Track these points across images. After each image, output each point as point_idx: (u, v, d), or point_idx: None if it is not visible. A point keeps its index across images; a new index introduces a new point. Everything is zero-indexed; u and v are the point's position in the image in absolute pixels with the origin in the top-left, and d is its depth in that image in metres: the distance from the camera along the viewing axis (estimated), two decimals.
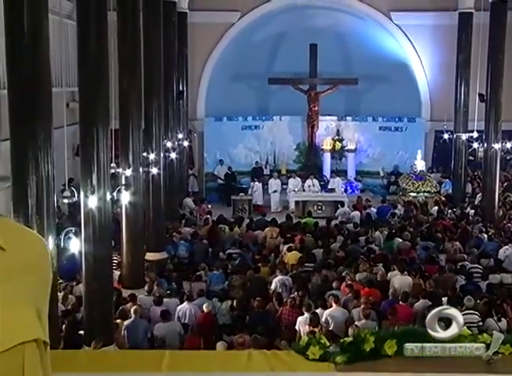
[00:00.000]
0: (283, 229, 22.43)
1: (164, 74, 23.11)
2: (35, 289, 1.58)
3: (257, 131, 32.44)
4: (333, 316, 14.15)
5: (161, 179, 22.35)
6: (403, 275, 16.69)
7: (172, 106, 26.00)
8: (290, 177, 29.70)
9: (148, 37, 20.56)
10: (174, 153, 25.55)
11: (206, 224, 23.74)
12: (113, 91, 17.46)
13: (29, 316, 1.53)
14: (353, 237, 21.38)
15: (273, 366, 2.53)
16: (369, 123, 32.37)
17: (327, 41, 30.53)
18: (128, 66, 18.62)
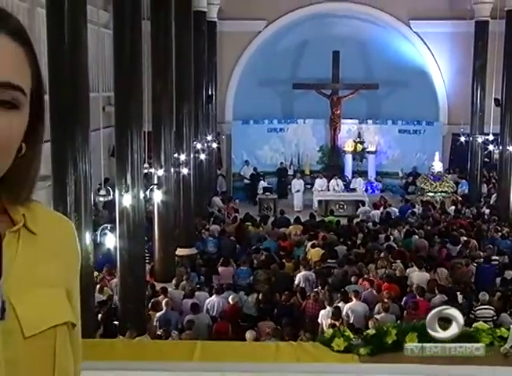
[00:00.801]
0: (306, 227, 22.42)
1: (195, 79, 23.18)
2: (65, 271, 1.58)
3: (282, 133, 32.44)
4: (353, 309, 14.13)
5: (191, 179, 22.41)
6: (421, 271, 16.63)
7: (202, 110, 26.06)
8: (317, 177, 29.66)
9: (179, 45, 20.63)
10: (203, 154, 25.60)
11: (233, 222, 23.76)
12: (146, 95, 17.53)
13: (60, 298, 1.53)
14: (373, 235, 21.35)
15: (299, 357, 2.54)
16: (389, 126, 32.26)
17: (349, 48, 30.46)
18: (161, 72, 18.70)
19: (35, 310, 1.43)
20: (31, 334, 1.40)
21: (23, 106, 1.38)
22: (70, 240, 1.66)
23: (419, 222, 23.71)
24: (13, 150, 1.41)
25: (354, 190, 28.87)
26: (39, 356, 1.42)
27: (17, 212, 1.50)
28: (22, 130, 1.41)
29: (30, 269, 1.47)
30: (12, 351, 1.37)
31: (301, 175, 30.11)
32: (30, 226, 1.51)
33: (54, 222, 1.63)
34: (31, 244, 1.50)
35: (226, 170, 31.73)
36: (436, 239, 20.73)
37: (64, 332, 1.49)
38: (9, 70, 1.34)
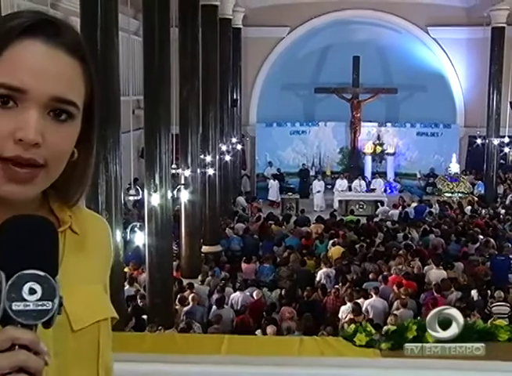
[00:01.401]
0: (327, 226, 22.41)
1: (220, 83, 23.21)
2: (102, 268, 1.63)
3: (304, 135, 32.41)
4: (373, 305, 14.11)
5: (216, 179, 22.45)
6: (438, 269, 16.57)
7: (227, 113, 26.09)
8: (337, 178, 29.64)
9: (206, 51, 20.69)
10: (228, 155, 25.63)
11: (257, 220, 23.78)
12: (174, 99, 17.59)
13: (101, 294, 1.57)
14: (391, 234, 21.30)
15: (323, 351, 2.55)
16: (408, 129, 32.13)
17: (369, 53, 30.42)
18: (188, 77, 18.76)
19: (81, 306, 1.46)
20: (79, 328, 1.44)
21: (75, 119, 1.40)
22: (105, 238, 1.69)
23: (436, 221, 23.63)
24: (65, 158, 1.43)
25: (373, 191, 28.79)
26: (85, 349, 1.46)
27: (64, 214, 1.53)
28: (74, 140, 1.43)
29: (75, 268, 1.50)
30: (61, 344, 1.40)
31: (322, 176, 30.12)
32: (75, 227, 1.54)
33: (91, 221, 1.66)
34: (75, 244, 1.53)
35: (250, 171, 31.74)
36: (453, 238, 20.62)
37: (106, 326, 1.52)
38: (64, 86, 1.36)
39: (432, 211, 25.37)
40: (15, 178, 1.34)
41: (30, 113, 1.32)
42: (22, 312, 1.16)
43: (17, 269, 1.18)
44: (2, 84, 1.32)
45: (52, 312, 1.19)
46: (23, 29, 1.35)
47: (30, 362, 1.14)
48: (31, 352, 1.15)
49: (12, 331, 1.15)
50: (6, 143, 1.32)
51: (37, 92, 1.32)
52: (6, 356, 1.13)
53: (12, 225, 1.24)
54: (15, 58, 1.33)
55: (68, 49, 1.38)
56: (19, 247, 1.21)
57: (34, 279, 1.18)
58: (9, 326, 1.16)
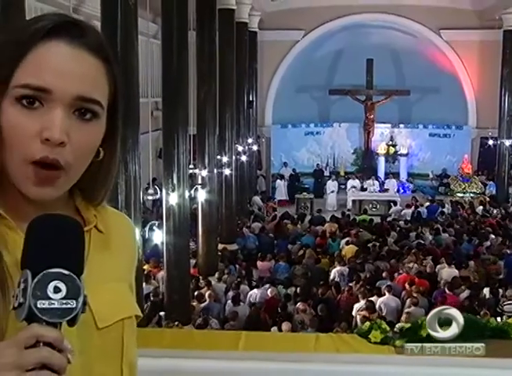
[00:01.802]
0: (341, 225, 22.39)
1: (236, 86, 23.23)
2: (127, 266, 1.63)
3: (318, 136, 32.38)
4: (386, 303, 14.08)
5: (233, 179, 22.49)
6: (450, 267, 16.51)
7: (243, 115, 26.09)
8: (349, 178, 29.61)
9: (223, 54, 20.70)
10: (244, 156, 25.63)
11: (272, 219, 23.78)
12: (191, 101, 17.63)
13: (126, 292, 1.57)
14: (404, 233, 21.25)
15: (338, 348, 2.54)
16: (420, 130, 32.03)
17: (382, 56, 30.35)
18: (205, 79, 18.79)
19: (106, 304, 1.46)
20: (103, 326, 1.44)
21: (100, 118, 1.40)
22: (130, 236, 1.69)
23: (448, 221, 23.55)
24: (89, 157, 1.43)
25: (386, 191, 28.73)
26: (109, 346, 1.45)
27: (90, 213, 1.53)
28: (99, 139, 1.43)
29: (100, 267, 1.49)
30: (86, 341, 1.40)
31: (336, 177, 30.09)
32: (100, 226, 1.54)
33: (117, 220, 1.66)
34: (100, 243, 1.53)
35: (266, 171, 31.73)
36: (465, 237, 20.55)
37: (131, 324, 1.52)
38: (88, 85, 1.36)
39: (444, 211, 25.29)
40: (43, 179, 1.34)
41: (56, 113, 1.32)
42: (47, 310, 1.16)
43: (43, 268, 1.18)
44: (27, 85, 1.32)
45: (76, 311, 1.19)
46: (47, 31, 1.35)
47: (54, 359, 1.14)
48: (55, 350, 1.15)
49: (36, 329, 1.15)
50: (33, 143, 1.32)
51: (62, 92, 1.33)
52: (30, 353, 1.13)
53: (38, 225, 1.24)
54: (39, 59, 1.34)
55: (91, 50, 1.38)
56: (45, 246, 1.21)
57: (59, 277, 1.18)
58: (34, 323, 1.16)
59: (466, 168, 29.63)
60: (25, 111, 1.33)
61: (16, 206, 1.42)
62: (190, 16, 17.08)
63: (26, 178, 1.35)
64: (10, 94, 1.33)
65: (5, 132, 1.34)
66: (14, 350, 1.14)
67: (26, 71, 1.33)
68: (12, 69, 1.34)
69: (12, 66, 1.34)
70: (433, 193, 29.46)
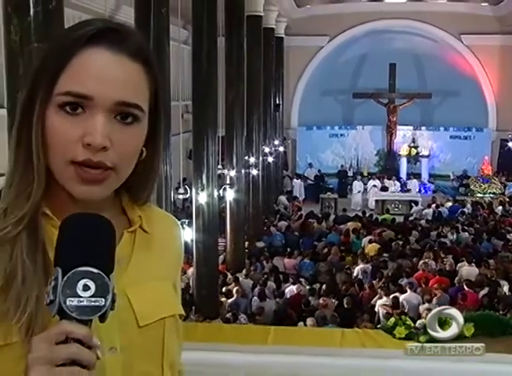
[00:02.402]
0: (364, 224, 22.30)
1: (264, 89, 23.24)
2: (171, 265, 1.61)
3: (342, 138, 32.33)
4: (408, 300, 13.97)
5: (260, 179, 22.50)
6: (470, 265, 16.38)
7: (270, 117, 26.10)
8: (370, 178, 29.52)
9: (250, 59, 20.72)
10: (271, 157, 25.63)
11: (298, 218, 23.74)
12: (220, 104, 17.67)
13: (169, 292, 1.55)
14: (426, 232, 21.12)
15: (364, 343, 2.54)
16: (441, 132, 31.83)
17: (405, 60, 30.22)
18: (234, 83, 18.81)
19: (148, 303, 1.45)
20: (144, 324, 1.43)
21: (141, 121, 1.40)
22: (175, 237, 1.67)
23: (469, 220, 23.37)
24: (134, 159, 1.42)
25: (408, 191, 28.59)
26: (150, 344, 1.44)
27: (135, 213, 1.52)
28: (141, 141, 1.43)
29: (144, 266, 1.49)
30: (127, 338, 1.40)
31: (360, 177, 30.02)
32: (145, 226, 1.53)
33: (163, 220, 1.65)
34: (145, 243, 1.52)
35: (291, 171, 31.73)
36: (484, 236, 20.38)
37: (172, 323, 1.51)
38: (128, 90, 1.35)
39: (465, 211, 25.12)
40: (87, 178, 1.34)
41: (97, 119, 1.32)
42: (76, 308, 1.16)
43: (73, 266, 1.18)
44: (69, 92, 1.32)
45: (105, 309, 1.18)
46: (88, 38, 1.35)
47: (83, 355, 1.14)
48: (84, 346, 1.15)
49: (66, 325, 1.15)
50: (76, 148, 1.32)
51: (103, 98, 1.32)
52: (60, 348, 1.13)
53: (70, 223, 1.24)
54: (80, 66, 1.33)
55: (131, 54, 1.37)
56: (76, 245, 1.21)
57: (89, 276, 1.18)
58: (64, 320, 1.16)
59: (486, 169, 29.44)
60: (68, 117, 1.33)
61: (62, 207, 1.41)
62: (219, 23, 17.10)
63: (69, 178, 1.35)
64: (54, 101, 1.34)
65: (49, 137, 1.34)
66: (45, 345, 1.14)
67: (68, 79, 1.33)
68: (56, 76, 1.34)
69: (55, 74, 1.34)
70: (453, 194, 29.24)
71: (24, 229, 1.35)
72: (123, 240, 1.48)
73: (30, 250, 1.34)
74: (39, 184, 1.38)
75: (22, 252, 1.33)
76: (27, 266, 1.32)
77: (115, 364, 1.37)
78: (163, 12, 12.01)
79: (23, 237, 1.35)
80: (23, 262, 1.32)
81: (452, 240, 20.16)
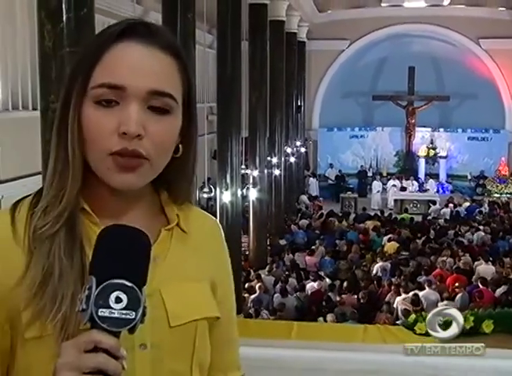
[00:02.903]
0: (383, 222, 22.23)
1: (286, 91, 23.25)
2: (210, 266, 1.55)
3: (362, 139, 32.23)
4: (426, 297, 13.90)
5: (282, 179, 22.51)
6: (487, 264, 16.27)
7: (292, 119, 26.08)
8: (390, 179, 29.42)
9: (273, 62, 20.74)
10: (292, 157, 25.63)
11: (319, 217, 23.71)
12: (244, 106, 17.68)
13: (204, 293, 1.49)
14: (443, 231, 21.00)
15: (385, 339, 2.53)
16: (459, 134, 31.63)
17: (423, 63, 30.08)
18: (257, 85, 18.84)
19: (181, 304, 1.42)
20: (175, 325, 1.40)
21: (174, 111, 1.37)
22: (216, 237, 1.63)
23: (486, 220, 23.22)
24: (168, 151, 1.40)
25: (426, 191, 28.46)
26: (180, 344, 1.41)
27: (173, 212, 1.49)
28: (175, 132, 1.41)
29: (179, 266, 1.46)
30: (158, 337, 1.38)
31: (379, 177, 29.93)
32: (182, 225, 1.50)
33: (203, 221, 1.61)
34: (182, 242, 1.49)
35: (313, 172, 31.69)
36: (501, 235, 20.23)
37: (204, 326, 1.47)
38: (160, 79, 1.34)
39: (482, 211, 24.96)
40: (123, 165, 1.33)
41: (131, 108, 1.31)
42: (107, 319, 1.15)
43: (107, 277, 1.17)
44: (103, 84, 1.32)
45: (135, 322, 1.17)
46: (119, 33, 1.35)
47: (109, 365, 1.13)
48: (111, 356, 1.14)
49: (95, 335, 1.14)
50: (112, 138, 1.32)
51: (135, 88, 1.31)
52: (88, 357, 1.13)
53: (108, 234, 1.23)
54: (113, 59, 1.34)
55: (162, 47, 1.36)
56: (112, 256, 1.19)
57: (122, 288, 1.16)
58: (95, 329, 1.15)
59: (503, 170, 29.18)
60: (103, 110, 1.33)
61: (101, 203, 1.42)
62: (243, 28, 17.13)
63: (107, 169, 1.34)
64: (89, 95, 1.34)
65: (85, 131, 1.34)
66: (74, 352, 1.14)
67: (101, 72, 1.33)
68: (90, 71, 1.34)
69: (89, 69, 1.34)
70: (471, 194, 29.06)
71: (63, 227, 1.35)
72: (160, 238, 1.45)
73: (68, 247, 1.34)
74: (74, 178, 1.37)
75: (60, 249, 1.33)
76: (64, 264, 1.32)
77: (144, 361, 1.36)
78: (189, 17, 12.02)
79: (61, 235, 1.35)
80: (61, 260, 1.32)
81: (469, 239, 20.03)
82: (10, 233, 1.37)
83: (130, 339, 1.28)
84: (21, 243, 1.35)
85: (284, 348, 2.35)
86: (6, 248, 1.35)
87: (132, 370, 1.32)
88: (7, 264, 1.34)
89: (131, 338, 1.27)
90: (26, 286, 1.32)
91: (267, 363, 2.31)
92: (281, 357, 2.36)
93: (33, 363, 1.31)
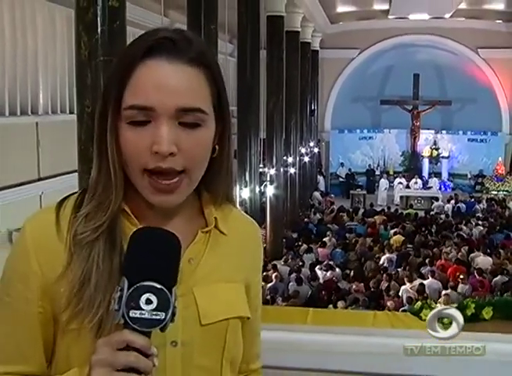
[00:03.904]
0: (389, 217, 22.16)
1: (300, 96, 23.21)
2: (246, 268, 1.50)
3: (371, 141, 32.09)
4: (429, 286, 13.85)
5: (296, 177, 22.48)
6: (485, 256, 16.19)
7: (306, 121, 26.05)
8: (397, 177, 29.33)
9: (289, 69, 20.69)
10: (306, 157, 25.58)
11: (330, 212, 23.66)
12: (262, 109, 17.68)
13: (237, 294, 1.45)
14: (445, 225, 20.90)
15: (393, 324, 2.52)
16: (460, 136, 31.42)
17: (427, 71, 29.93)
18: (274, 91, 18.82)
19: (213, 303, 1.38)
20: (206, 323, 1.36)
21: (205, 123, 1.32)
22: (254, 240, 1.58)
23: (484, 215, 23.10)
24: (203, 162, 1.36)
25: (430, 188, 28.37)
26: (211, 341, 1.38)
27: (211, 214, 1.44)
28: (208, 143, 1.35)
29: (215, 267, 1.41)
30: (189, 335, 1.34)
31: (386, 176, 29.86)
32: (221, 227, 1.44)
33: (242, 224, 1.56)
34: (219, 244, 1.44)
35: (325, 170, 31.65)
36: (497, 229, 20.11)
37: (236, 324, 1.42)
38: (187, 95, 1.28)
39: (480, 207, 24.85)
40: (160, 189, 1.30)
41: (162, 128, 1.26)
42: (137, 319, 1.14)
43: (139, 280, 1.15)
44: (133, 105, 1.28)
45: (165, 322, 1.15)
46: (145, 51, 1.29)
47: (140, 363, 1.12)
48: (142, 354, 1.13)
49: (127, 334, 1.14)
50: (147, 156, 1.28)
51: (164, 107, 1.26)
52: (121, 355, 1.13)
53: (139, 237, 1.21)
54: (140, 80, 1.28)
55: (187, 61, 1.29)
56: (144, 258, 1.17)
57: (152, 290, 1.14)
58: (126, 329, 1.14)
59: (500, 169, 28.99)
60: (137, 129, 1.28)
61: (141, 208, 1.38)
62: (261, 38, 17.12)
63: (144, 187, 1.31)
64: (123, 116, 1.30)
65: (123, 149, 1.31)
66: (108, 349, 1.14)
67: (131, 93, 1.28)
68: (121, 92, 1.30)
69: (120, 90, 1.30)
70: (470, 191, 28.91)
71: (103, 234, 1.33)
72: (196, 239, 1.41)
73: (107, 253, 1.31)
74: (117, 192, 1.35)
75: (99, 256, 1.31)
76: (101, 271, 1.29)
77: (175, 357, 1.34)
78: (212, 28, 12.06)
79: (101, 241, 1.32)
80: (98, 267, 1.30)
81: (468, 232, 19.92)
82: (54, 230, 1.35)
83: (161, 336, 1.26)
84: (63, 240, 1.33)
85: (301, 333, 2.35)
86: (51, 244, 1.34)
87: (163, 366, 1.31)
88: (51, 258, 1.33)
89: (162, 336, 1.25)
90: (66, 286, 1.31)
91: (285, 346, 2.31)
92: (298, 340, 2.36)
93: (72, 352, 1.31)
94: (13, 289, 1.34)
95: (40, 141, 11.75)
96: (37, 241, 1.34)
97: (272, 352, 1.74)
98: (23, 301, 1.32)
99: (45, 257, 1.34)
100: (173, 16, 17.42)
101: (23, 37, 11.72)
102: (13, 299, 1.33)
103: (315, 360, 2.27)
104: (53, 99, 12.68)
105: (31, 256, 1.33)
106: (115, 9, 6.74)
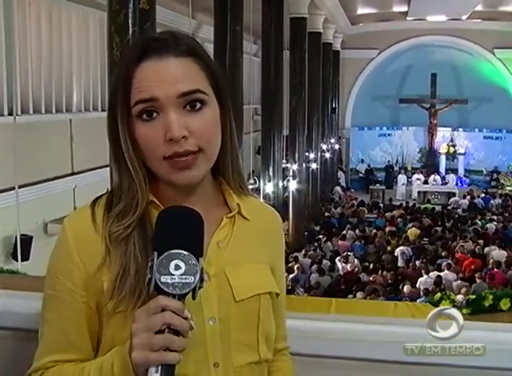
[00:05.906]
0: (407, 211, 22.06)
1: (322, 95, 23.16)
2: (269, 252, 1.54)
3: (389, 138, 31.97)
4: (445, 278, 13.76)
5: (318, 172, 22.45)
6: (500, 249, 16.05)
7: (327, 119, 26.00)
8: (415, 173, 29.19)
9: (311, 69, 20.64)
10: (328, 153, 25.54)
11: (351, 206, 23.61)
12: (285, 107, 17.68)
13: (264, 272, 1.49)
14: (461, 220, 20.75)
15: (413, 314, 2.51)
16: (476, 133, 31.16)
17: (444, 71, 29.72)
18: (297, 89, 18.81)
19: (244, 281, 1.42)
20: (240, 299, 1.40)
21: (208, 102, 1.36)
22: (275, 226, 1.62)
23: (499, 210, 22.91)
24: (215, 137, 1.39)
25: (447, 184, 28.21)
26: (246, 317, 1.41)
27: (233, 201, 1.48)
28: (216, 120, 1.39)
29: (242, 249, 1.46)
30: (225, 312, 1.38)
31: (404, 171, 29.77)
32: (244, 213, 1.49)
33: (264, 211, 1.60)
34: (244, 228, 1.48)
35: (345, 166, 31.61)
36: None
37: (267, 300, 1.46)
38: (183, 80, 1.33)
39: (495, 202, 24.64)
40: (179, 167, 1.33)
41: (170, 115, 1.31)
42: (168, 284, 1.17)
43: (167, 249, 1.19)
44: (138, 100, 1.32)
45: (194, 285, 1.19)
46: (138, 55, 1.35)
47: (175, 320, 1.15)
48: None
49: (162, 299, 1.17)
50: (163, 146, 1.32)
51: (166, 95, 1.31)
52: (156, 317, 1.15)
53: (165, 214, 1.27)
54: (140, 80, 1.33)
55: (179, 53, 1.35)
56: (170, 232, 1.22)
57: (180, 257, 1.19)
58: (161, 295, 1.18)
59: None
60: (148, 123, 1.33)
61: (168, 197, 1.42)
62: (285, 38, 17.10)
63: (166, 171, 1.35)
64: (133, 113, 1.34)
65: (141, 145, 1.35)
66: (145, 316, 1.17)
67: (134, 92, 1.33)
68: (127, 92, 1.35)
69: (126, 90, 1.35)
70: (485, 187, 28.71)
71: (136, 228, 1.37)
72: (222, 224, 1.45)
73: (143, 244, 1.35)
74: (143, 194, 1.39)
75: (135, 248, 1.35)
76: (139, 261, 1.33)
77: (214, 333, 1.37)
78: (237, 29, 12.06)
79: (135, 235, 1.36)
80: (136, 258, 1.34)
81: (483, 227, 19.76)
82: (91, 224, 1.38)
83: (200, 314, 1.33)
84: (100, 233, 1.37)
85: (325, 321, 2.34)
86: (89, 237, 1.37)
87: (203, 342, 1.35)
88: (91, 250, 1.36)
89: (201, 313, 1.32)
90: (107, 276, 1.35)
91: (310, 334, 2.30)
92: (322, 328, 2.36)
93: (117, 337, 1.33)
94: (58, 283, 1.38)
95: (73, 137, 11.86)
96: (77, 235, 1.38)
97: (298, 339, 1.75)
98: (68, 294, 1.36)
99: (85, 249, 1.37)
100: (200, 18, 17.47)
101: (58, 38, 11.84)
102: (59, 292, 1.37)
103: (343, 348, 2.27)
104: (86, 98, 12.79)
105: (72, 249, 1.37)
106: (145, 11, 6.77)
